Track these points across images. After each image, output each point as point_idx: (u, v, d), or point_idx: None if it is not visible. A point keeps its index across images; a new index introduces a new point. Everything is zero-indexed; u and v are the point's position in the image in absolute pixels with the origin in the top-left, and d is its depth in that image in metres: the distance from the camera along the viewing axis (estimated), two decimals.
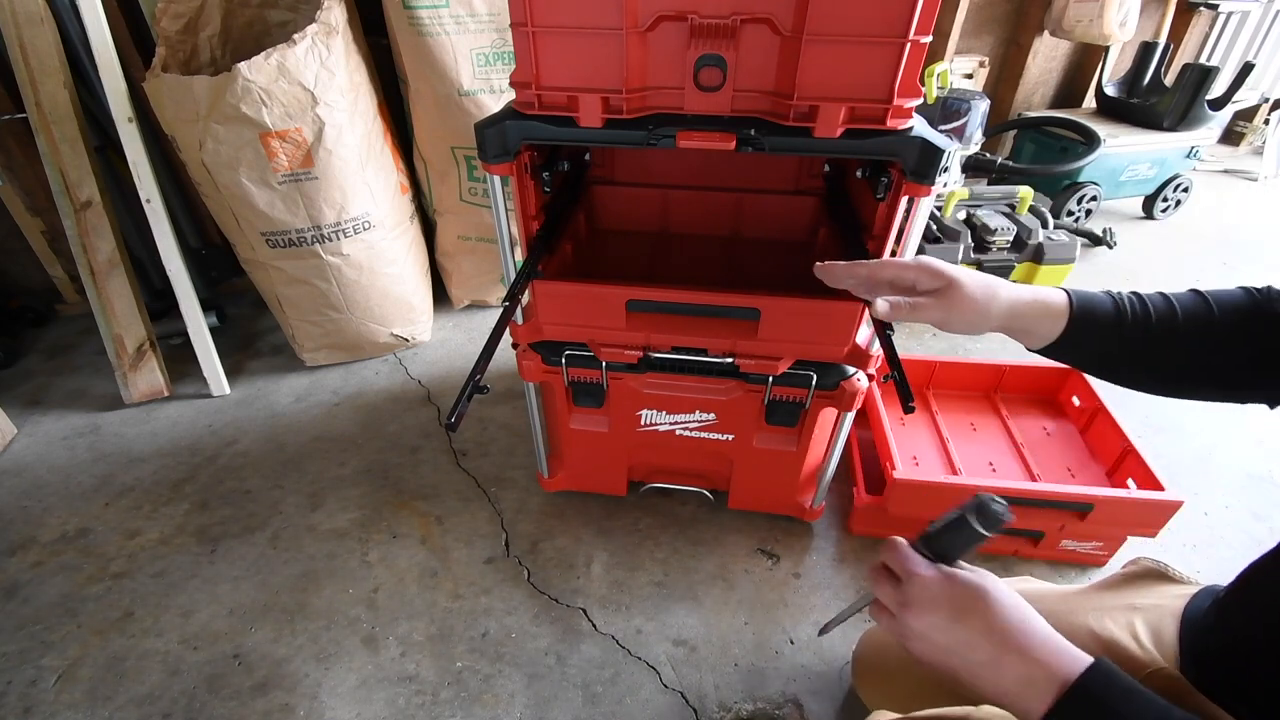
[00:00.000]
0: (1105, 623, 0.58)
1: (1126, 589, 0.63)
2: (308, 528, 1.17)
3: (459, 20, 1.34)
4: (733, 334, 0.90)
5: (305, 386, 1.53)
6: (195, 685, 0.93)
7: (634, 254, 1.20)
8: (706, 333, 0.91)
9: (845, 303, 0.82)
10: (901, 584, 0.47)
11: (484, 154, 0.79)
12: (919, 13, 0.64)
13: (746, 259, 1.18)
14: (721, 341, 0.91)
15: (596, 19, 0.68)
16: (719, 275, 1.14)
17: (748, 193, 1.17)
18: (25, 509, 1.21)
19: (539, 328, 0.94)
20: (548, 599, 1.05)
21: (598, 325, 0.92)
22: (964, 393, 1.34)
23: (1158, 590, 0.61)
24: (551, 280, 0.88)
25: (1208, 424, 1.41)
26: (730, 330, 0.90)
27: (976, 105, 1.77)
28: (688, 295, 0.87)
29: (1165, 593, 0.60)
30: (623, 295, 0.87)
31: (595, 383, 0.99)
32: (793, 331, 0.88)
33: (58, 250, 1.69)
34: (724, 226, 1.21)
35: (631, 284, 0.88)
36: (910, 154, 0.72)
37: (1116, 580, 0.65)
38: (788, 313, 0.86)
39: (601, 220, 1.23)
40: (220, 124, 1.17)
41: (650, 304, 0.89)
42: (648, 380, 0.98)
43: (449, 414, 0.61)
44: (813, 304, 0.85)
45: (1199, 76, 2.04)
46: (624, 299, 0.87)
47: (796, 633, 1.00)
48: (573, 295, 0.89)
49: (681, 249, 1.20)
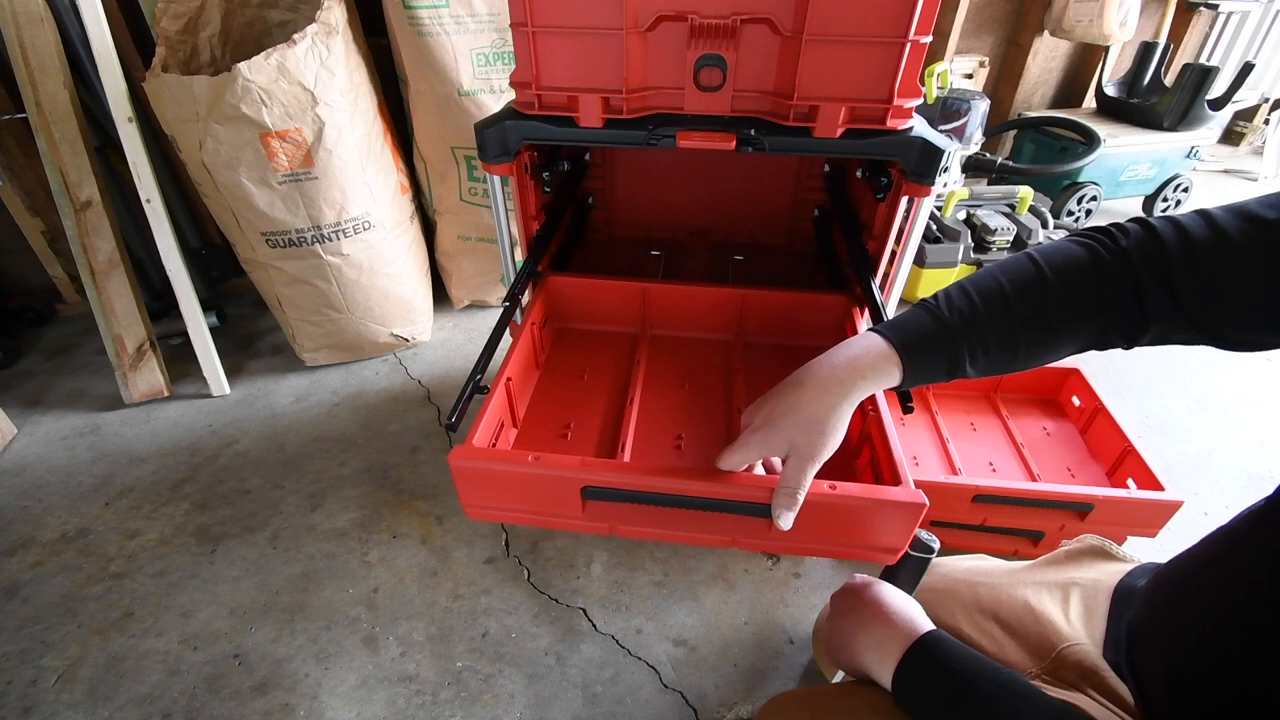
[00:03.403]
0: (1041, 596, 0.61)
1: (1069, 565, 0.65)
2: (308, 528, 1.17)
3: (459, 20, 1.34)
4: (734, 531, 0.63)
5: (305, 386, 1.53)
6: (195, 685, 0.93)
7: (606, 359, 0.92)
8: (699, 530, 0.63)
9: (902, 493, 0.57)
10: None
11: (484, 154, 0.79)
12: (919, 13, 0.64)
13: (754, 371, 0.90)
14: (718, 539, 0.64)
15: (596, 19, 0.68)
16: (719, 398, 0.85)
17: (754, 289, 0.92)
18: (25, 509, 1.21)
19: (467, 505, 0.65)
20: (548, 599, 1.05)
21: (541, 513, 0.65)
22: (964, 393, 1.34)
23: (1099, 567, 0.63)
24: (468, 454, 0.61)
25: (1208, 424, 1.41)
26: (731, 528, 0.62)
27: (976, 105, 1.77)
28: (672, 482, 0.59)
29: (1106, 569, 0.62)
30: (576, 480, 0.60)
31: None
32: (824, 529, 0.61)
33: (58, 250, 1.69)
34: (726, 329, 0.96)
35: (589, 457, 0.69)
36: (910, 154, 0.72)
37: (1060, 556, 0.67)
38: (820, 507, 0.57)
39: (564, 319, 0.97)
40: (220, 124, 1.17)
41: (617, 493, 0.60)
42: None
43: (449, 414, 0.61)
44: (860, 495, 0.57)
45: (1199, 76, 2.04)
46: (578, 485, 0.60)
47: (796, 633, 1.00)
48: (503, 476, 0.61)
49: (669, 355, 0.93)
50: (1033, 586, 0.62)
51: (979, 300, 0.52)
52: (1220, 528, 0.48)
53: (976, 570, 0.68)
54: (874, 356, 0.52)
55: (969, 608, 0.63)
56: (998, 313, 0.51)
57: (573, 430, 0.81)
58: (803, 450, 0.53)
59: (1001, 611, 0.61)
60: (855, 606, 0.57)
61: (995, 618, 0.61)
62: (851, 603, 0.58)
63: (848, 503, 0.56)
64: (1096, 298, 0.49)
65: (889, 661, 0.51)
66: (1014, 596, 0.62)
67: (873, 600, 0.56)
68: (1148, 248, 0.48)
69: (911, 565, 0.60)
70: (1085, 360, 1.43)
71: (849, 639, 0.56)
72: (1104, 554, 0.65)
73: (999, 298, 0.51)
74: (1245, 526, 0.45)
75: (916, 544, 0.59)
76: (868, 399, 0.60)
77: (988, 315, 0.51)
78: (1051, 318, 0.50)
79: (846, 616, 0.57)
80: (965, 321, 0.52)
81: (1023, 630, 0.58)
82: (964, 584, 0.66)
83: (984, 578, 0.66)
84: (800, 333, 0.92)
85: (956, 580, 0.67)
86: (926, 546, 0.58)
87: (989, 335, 0.51)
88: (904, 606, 0.54)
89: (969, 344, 0.51)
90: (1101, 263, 0.49)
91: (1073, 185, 2.13)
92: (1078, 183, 2.13)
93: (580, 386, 0.88)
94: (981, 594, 0.64)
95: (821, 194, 1.14)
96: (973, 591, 0.64)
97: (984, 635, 0.60)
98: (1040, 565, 0.67)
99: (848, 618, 0.57)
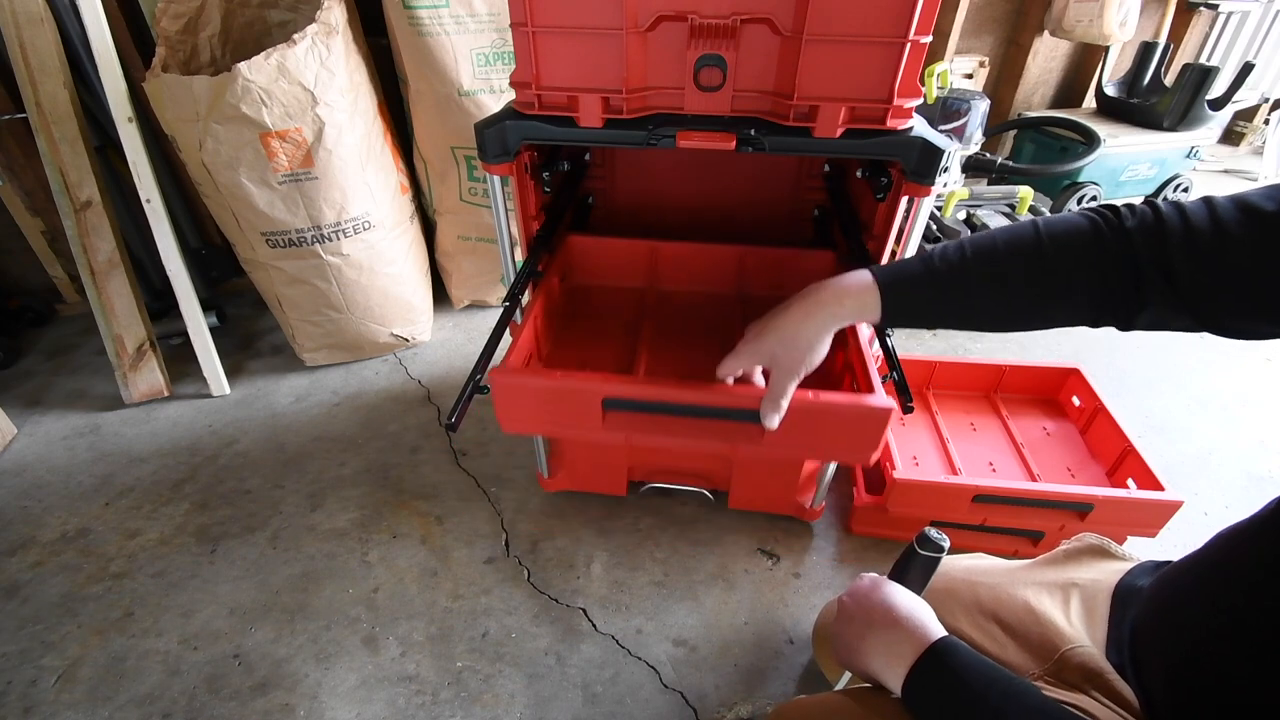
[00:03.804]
0: (1042, 597, 0.61)
1: (1068, 564, 0.65)
2: (308, 528, 1.17)
3: (459, 20, 1.34)
4: (734, 436, 0.71)
5: (305, 386, 1.53)
6: (195, 685, 0.93)
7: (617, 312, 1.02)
8: (701, 434, 0.72)
9: (875, 399, 0.67)
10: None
11: (484, 154, 0.79)
12: (919, 13, 0.64)
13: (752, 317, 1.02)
14: (720, 444, 0.74)
15: (596, 19, 0.68)
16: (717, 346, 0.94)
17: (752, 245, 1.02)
18: (25, 509, 1.21)
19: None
20: (548, 599, 1.05)
21: (567, 424, 0.75)
22: (964, 393, 1.34)
23: (1098, 566, 0.63)
24: (509, 372, 0.71)
25: (1208, 424, 1.41)
26: (731, 432, 0.71)
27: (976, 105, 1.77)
28: (679, 391, 0.69)
29: (1105, 568, 0.62)
30: (598, 391, 0.69)
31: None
32: (808, 434, 0.70)
33: (58, 250, 1.69)
34: (727, 283, 1.06)
35: (609, 374, 0.76)
36: (910, 154, 0.72)
37: (1059, 556, 0.67)
38: (804, 413, 0.67)
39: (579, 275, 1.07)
40: (220, 124, 1.17)
41: (632, 403, 0.70)
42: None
43: (449, 414, 0.61)
44: (838, 401, 0.67)
45: (1199, 76, 2.04)
46: (599, 396, 0.70)
47: (796, 633, 1.00)
48: (535, 391, 0.72)
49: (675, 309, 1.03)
50: (1033, 587, 0.62)
51: (971, 254, 0.55)
52: (1222, 531, 0.48)
53: (975, 569, 0.68)
54: (858, 289, 0.58)
55: (969, 608, 0.63)
56: (986, 268, 0.54)
57: (590, 366, 0.92)
58: (784, 364, 0.62)
59: (1002, 612, 0.61)
60: (864, 609, 0.55)
61: (996, 618, 0.61)
62: (860, 605, 0.56)
63: (827, 408, 0.67)
64: (1090, 268, 0.51)
65: (899, 667, 0.49)
66: (1014, 597, 0.61)
67: (882, 603, 0.54)
68: (1150, 228, 0.49)
69: (921, 565, 0.57)
70: (1085, 360, 1.43)
71: (857, 642, 0.54)
72: (1103, 553, 0.65)
73: (990, 254, 0.54)
74: (1248, 532, 0.45)
75: (926, 543, 0.56)
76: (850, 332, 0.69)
77: (976, 269, 0.54)
78: (1041, 281, 0.53)
79: (855, 619, 0.56)
80: (952, 271, 0.55)
81: (1024, 631, 0.58)
82: (963, 584, 0.66)
83: (983, 577, 0.66)
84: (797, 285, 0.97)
85: (955, 580, 0.67)
86: (936, 545, 0.56)
87: (974, 288, 0.55)
88: (915, 610, 0.53)
89: (951, 293, 0.55)
90: (1101, 236, 0.50)
91: (1073, 185, 2.13)
92: (1078, 183, 2.13)
93: (596, 332, 1.00)
94: (981, 594, 0.63)
95: (821, 194, 1.14)
96: (972, 591, 0.64)
97: (985, 636, 0.60)
98: (1039, 564, 0.67)
99: (856, 620, 0.55)
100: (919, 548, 0.57)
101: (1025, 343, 1.68)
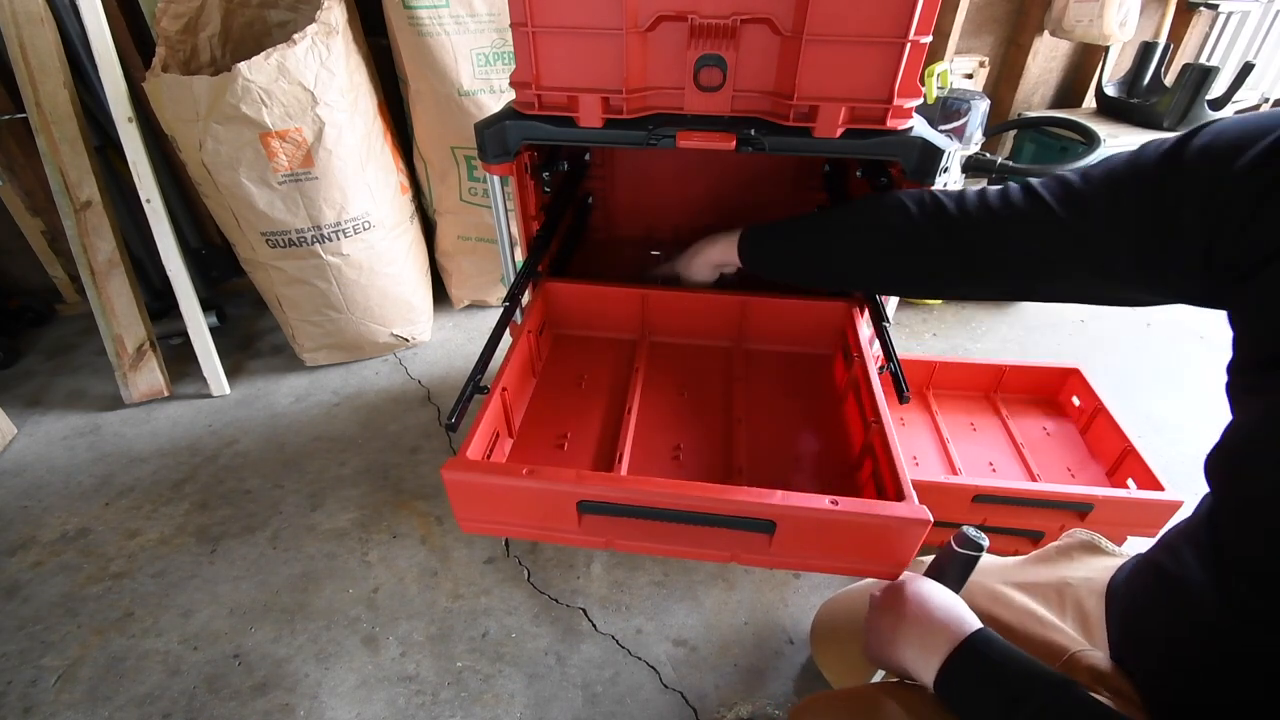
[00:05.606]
0: (1039, 598, 0.61)
1: (1060, 561, 0.65)
2: (308, 528, 1.17)
3: (459, 20, 1.34)
4: (733, 546, 0.61)
5: (305, 386, 1.53)
6: (195, 685, 0.93)
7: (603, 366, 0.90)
8: (696, 544, 0.62)
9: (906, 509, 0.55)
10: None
11: (484, 154, 0.79)
12: (919, 13, 0.64)
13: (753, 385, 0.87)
14: (717, 554, 0.62)
15: (596, 19, 0.68)
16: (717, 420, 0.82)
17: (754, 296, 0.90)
18: (25, 509, 1.21)
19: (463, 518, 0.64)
20: (548, 599, 1.05)
21: (536, 526, 0.63)
22: (964, 393, 1.34)
23: (1089, 563, 0.63)
24: (461, 467, 0.59)
25: (1208, 424, 1.41)
26: (730, 542, 0.61)
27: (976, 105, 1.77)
28: (669, 494, 0.57)
29: (1096, 565, 0.62)
30: (571, 494, 0.58)
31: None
32: (826, 547, 0.59)
33: (58, 250, 1.69)
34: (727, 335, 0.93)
35: (585, 470, 0.66)
36: (910, 154, 0.72)
37: (1050, 553, 0.67)
38: (820, 524, 0.56)
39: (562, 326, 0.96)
40: (220, 124, 1.17)
41: (613, 507, 0.59)
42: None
43: (449, 414, 0.61)
44: (861, 511, 0.55)
45: (1199, 76, 2.04)
46: (574, 499, 0.59)
47: (796, 632, 1.00)
48: (497, 490, 0.60)
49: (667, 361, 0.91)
50: (1029, 587, 0.62)
51: (833, 212, 0.72)
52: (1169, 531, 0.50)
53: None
54: (731, 236, 0.81)
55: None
56: (817, 228, 0.73)
57: (570, 440, 0.79)
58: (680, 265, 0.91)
59: (1002, 612, 0.61)
60: (897, 602, 0.55)
61: (995, 619, 0.61)
62: (893, 598, 0.55)
63: (849, 519, 0.54)
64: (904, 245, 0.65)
65: (933, 660, 0.49)
66: (1011, 596, 0.61)
67: (915, 596, 0.54)
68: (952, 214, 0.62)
69: (959, 563, 0.57)
70: (1085, 360, 1.43)
71: (890, 635, 0.54)
72: (1093, 549, 0.65)
73: (841, 215, 0.72)
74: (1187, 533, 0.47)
75: (965, 541, 0.56)
76: (869, 407, 0.70)
77: (811, 225, 0.73)
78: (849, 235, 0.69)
79: (887, 613, 0.55)
80: (807, 219, 0.73)
81: (1025, 632, 0.58)
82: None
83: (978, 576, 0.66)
84: (802, 339, 0.91)
85: None
86: (975, 544, 0.56)
87: (813, 238, 0.71)
88: (949, 604, 0.52)
89: (798, 240, 0.72)
90: (912, 220, 0.64)
91: None
92: None
93: (578, 394, 0.86)
94: (977, 594, 0.63)
95: (821, 194, 1.14)
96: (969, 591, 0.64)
97: None
98: (1031, 562, 0.67)
99: (888, 614, 0.55)
100: (957, 546, 0.57)
101: (1026, 343, 1.68)
